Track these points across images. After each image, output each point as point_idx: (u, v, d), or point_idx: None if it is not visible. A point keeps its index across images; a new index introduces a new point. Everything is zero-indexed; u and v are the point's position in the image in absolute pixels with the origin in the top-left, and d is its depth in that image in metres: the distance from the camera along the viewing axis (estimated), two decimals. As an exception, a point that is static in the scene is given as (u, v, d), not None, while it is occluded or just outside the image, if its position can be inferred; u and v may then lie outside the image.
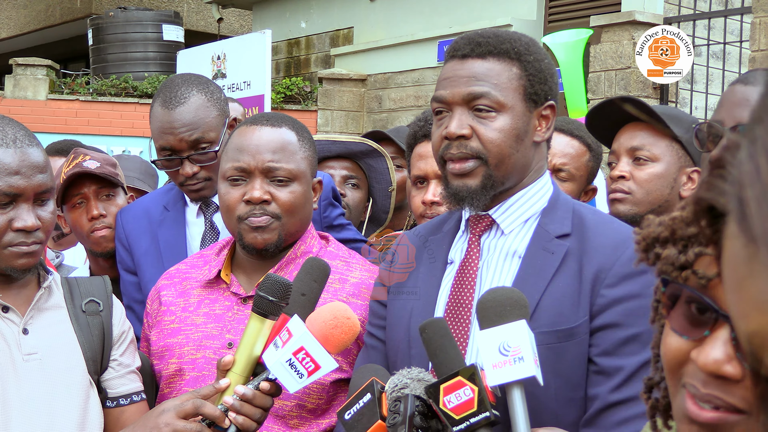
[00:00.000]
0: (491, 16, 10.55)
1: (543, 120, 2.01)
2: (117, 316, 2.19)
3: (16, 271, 2.01)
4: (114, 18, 13.40)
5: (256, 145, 2.25)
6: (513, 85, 1.95)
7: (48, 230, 2.04)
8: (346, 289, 2.27)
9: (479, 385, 1.65)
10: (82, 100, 12.56)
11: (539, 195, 2.02)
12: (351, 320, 1.88)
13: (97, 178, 3.02)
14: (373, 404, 1.75)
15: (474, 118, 1.95)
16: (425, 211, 2.64)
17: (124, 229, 2.91)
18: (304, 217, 2.32)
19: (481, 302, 1.73)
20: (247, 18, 16.57)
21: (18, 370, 1.97)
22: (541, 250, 1.93)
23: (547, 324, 1.84)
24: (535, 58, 1.99)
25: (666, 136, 2.67)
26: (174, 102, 2.73)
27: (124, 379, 2.15)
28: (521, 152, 1.97)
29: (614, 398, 1.80)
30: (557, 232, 1.94)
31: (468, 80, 1.96)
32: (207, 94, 2.79)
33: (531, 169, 2.01)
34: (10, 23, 19.55)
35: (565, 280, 1.88)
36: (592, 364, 1.85)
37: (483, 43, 1.98)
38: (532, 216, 2.00)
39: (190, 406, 1.87)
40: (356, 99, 12.59)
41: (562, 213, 1.98)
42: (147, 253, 2.85)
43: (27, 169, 1.97)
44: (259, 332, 1.91)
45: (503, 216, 2.00)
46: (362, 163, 3.44)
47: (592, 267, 1.87)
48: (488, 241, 2.02)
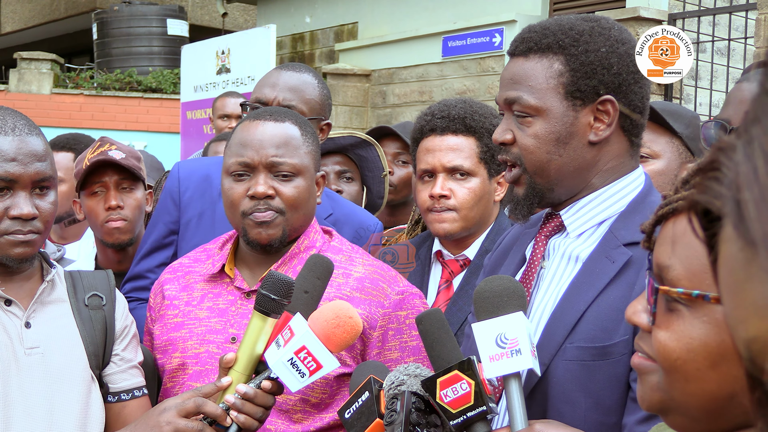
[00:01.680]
0: (496, 12, 10.53)
1: (603, 115, 1.83)
2: (119, 311, 2.19)
3: (12, 260, 2.00)
4: (118, 12, 13.41)
5: (260, 140, 2.25)
6: (551, 84, 1.82)
7: (47, 221, 2.03)
8: (350, 283, 2.26)
9: (476, 379, 1.64)
10: (86, 95, 12.58)
11: (617, 197, 1.86)
12: (353, 319, 1.87)
13: (119, 168, 3.03)
14: (371, 403, 1.75)
15: (515, 124, 1.86)
16: (432, 205, 2.63)
17: (180, 184, 2.90)
18: (307, 212, 2.32)
19: (477, 292, 1.70)
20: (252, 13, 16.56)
21: (20, 364, 1.97)
22: (603, 257, 1.78)
23: (586, 339, 1.72)
24: (585, 50, 1.82)
25: (666, 132, 2.66)
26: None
27: (126, 374, 2.15)
28: (568, 155, 1.82)
29: (639, 430, 1.65)
30: (627, 239, 1.77)
31: (508, 83, 1.87)
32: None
33: (597, 170, 1.85)
34: (14, 17, 19.55)
35: (618, 292, 1.73)
36: (631, 390, 1.70)
37: (527, 39, 1.87)
38: (607, 219, 1.85)
39: (191, 404, 1.86)
40: (360, 94, 12.59)
41: (642, 217, 1.74)
42: (200, 217, 2.84)
43: (24, 157, 1.97)
44: (261, 330, 1.90)
45: (572, 218, 1.88)
46: (353, 155, 3.48)
47: (645, 279, 1.74)
48: (556, 242, 1.91)
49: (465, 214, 2.61)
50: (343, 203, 3.08)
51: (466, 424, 1.64)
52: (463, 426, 1.65)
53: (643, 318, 1.12)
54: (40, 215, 2.00)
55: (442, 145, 2.63)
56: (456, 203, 2.60)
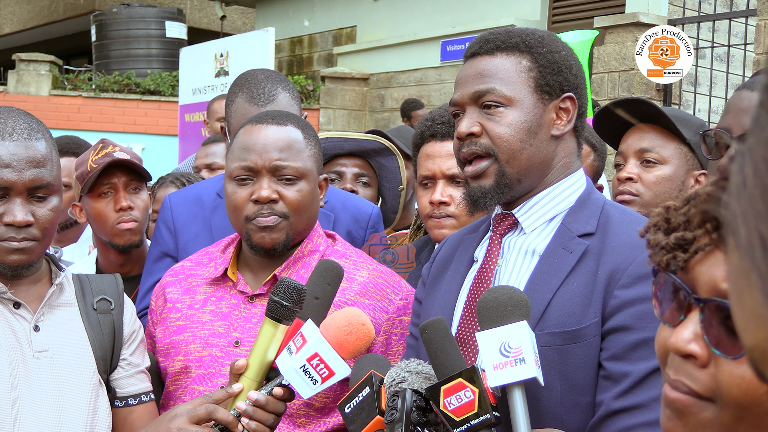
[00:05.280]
0: (494, 17, 10.55)
1: (562, 113, 1.94)
2: (128, 315, 2.17)
3: (7, 267, 1.97)
4: (117, 14, 13.42)
5: (263, 144, 2.24)
6: (522, 78, 1.90)
7: (45, 227, 1.99)
8: (354, 288, 2.26)
9: (480, 387, 1.64)
10: (84, 96, 12.58)
11: (566, 193, 1.96)
12: (366, 326, 1.86)
13: (127, 169, 3.03)
14: (372, 398, 1.74)
15: (484, 116, 1.92)
16: (433, 211, 2.62)
17: (172, 212, 2.90)
18: (311, 216, 2.31)
19: (482, 302, 1.70)
20: (250, 16, 16.57)
21: (28, 367, 1.96)
22: (560, 249, 1.87)
23: (555, 324, 1.79)
24: (549, 50, 1.93)
25: (674, 139, 2.65)
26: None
27: (134, 379, 2.14)
28: (536, 146, 1.91)
29: (618, 405, 1.71)
30: (580, 231, 1.88)
31: (475, 78, 1.93)
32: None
33: (554, 165, 1.95)
34: (13, 19, 19.55)
35: (580, 279, 1.82)
36: (602, 368, 1.77)
37: (492, 40, 1.95)
38: (558, 215, 1.94)
39: (203, 411, 1.85)
40: (358, 98, 12.59)
41: (590, 212, 1.91)
42: (197, 238, 2.83)
43: (19, 163, 1.93)
44: (273, 337, 1.89)
45: (526, 215, 1.95)
46: (373, 162, 3.44)
47: (608, 266, 1.80)
48: (510, 240, 1.97)
49: (465, 220, 2.60)
50: (338, 191, 3.07)
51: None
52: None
53: (700, 349, 0.98)
54: (37, 222, 1.96)
55: (443, 151, 2.63)
56: (456, 210, 2.60)
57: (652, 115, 2.67)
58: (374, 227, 2.97)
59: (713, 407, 0.97)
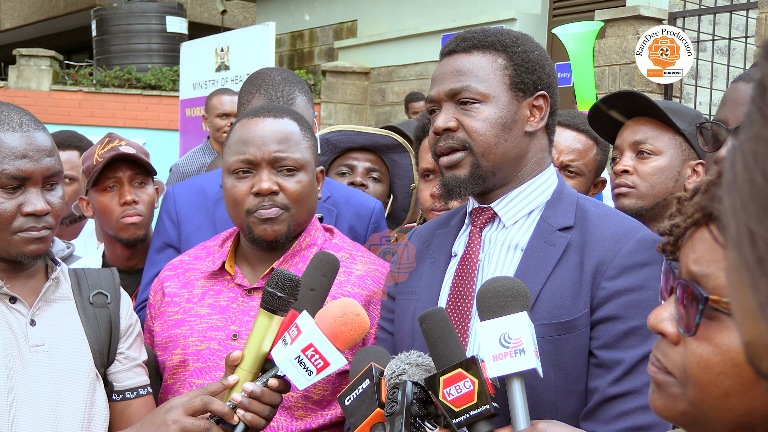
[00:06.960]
0: (495, 10, 10.53)
1: (535, 110, 2.01)
2: (124, 309, 2.18)
3: (27, 257, 1.99)
4: (117, 9, 13.41)
5: (261, 137, 2.25)
6: (497, 75, 1.97)
7: (57, 215, 2.03)
8: (351, 281, 2.27)
9: (479, 378, 1.64)
10: (85, 91, 12.57)
11: (543, 188, 2.01)
12: (361, 317, 1.87)
13: (132, 163, 3.04)
14: (372, 391, 1.74)
15: (460, 112, 1.98)
16: (434, 204, 2.63)
17: (176, 203, 2.90)
18: (310, 207, 2.32)
19: (482, 292, 1.71)
20: (251, 10, 16.56)
21: (25, 362, 1.96)
22: (542, 243, 1.93)
23: (547, 316, 1.83)
24: (524, 50, 2.00)
25: (669, 130, 2.67)
26: None
27: (131, 373, 2.14)
28: (510, 142, 1.97)
29: (613, 391, 1.79)
30: (559, 224, 1.94)
31: (451, 75, 1.99)
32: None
33: (527, 161, 2.01)
34: (14, 14, 19.54)
35: (566, 272, 1.87)
36: (593, 356, 1.84)
37: (468, 38, 2.01)
38: (535, 209, 2.00)
39: (198, 402, 1.86)
40: (359, 92, 12.59)
41: (566, 206, 1.97)
42: (200, 229, 2.83)
43: (35, 153, 1.96)
44: (268, 328, 1.90)
45: (505, 209, 2.00)
46: (386, 158, 3.41)
47: (593, 259, 1.86)
48: (490, 234, 2.02)
49: None
50: (340, 186, 3.06)
51: (468, 422, 1.64)
52: (466, 424, 1.65)
53: (670, 327, 1.04)
54: (52, 210, 2.00)
55: None
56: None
57: (645, 107, 2.68)
58: (377, 222, 2.96)
59: (676, 384, 1.02)
